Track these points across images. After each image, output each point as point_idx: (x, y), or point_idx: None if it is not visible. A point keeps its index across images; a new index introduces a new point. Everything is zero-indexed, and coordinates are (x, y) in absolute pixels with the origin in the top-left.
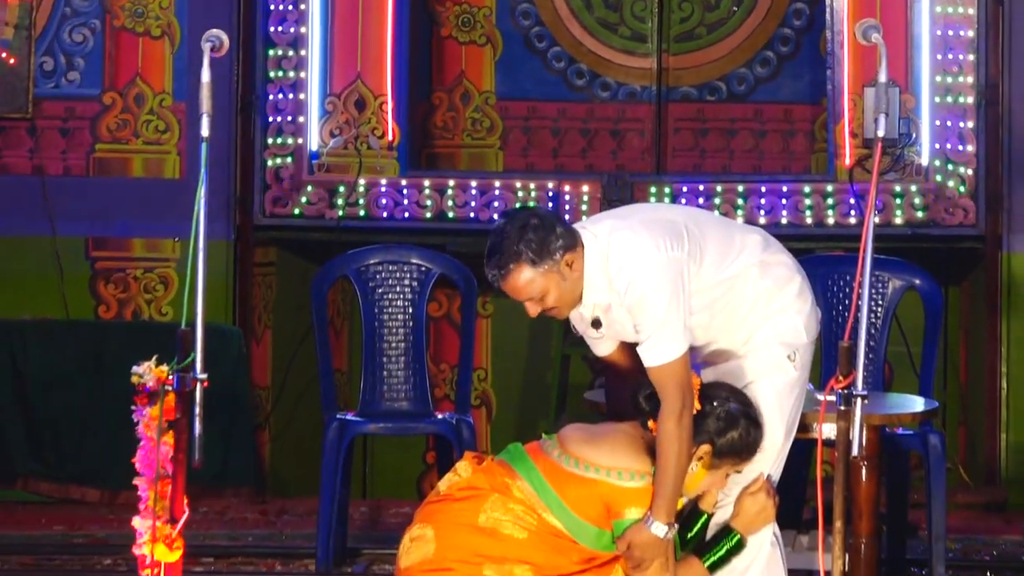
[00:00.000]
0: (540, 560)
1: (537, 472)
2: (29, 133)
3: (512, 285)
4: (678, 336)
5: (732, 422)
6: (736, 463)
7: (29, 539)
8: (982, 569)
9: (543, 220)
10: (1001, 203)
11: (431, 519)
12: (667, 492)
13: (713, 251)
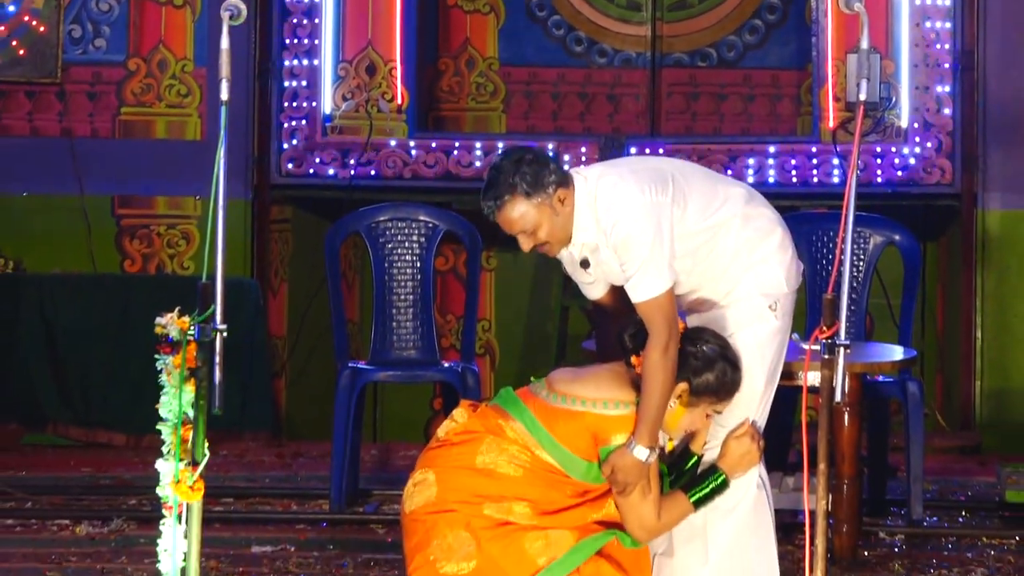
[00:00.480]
0: (536, 496)
1: (528, 412)
2: (58, 97)
3: (506, 216)
4: (663, 272)
5: (709, 363)
6: (714, 402)
7: (59, 480)
8: (957, 509)
9: (537, 156)
10: (976, 163)
11: (432, 464)
12: (650, 418)
13: (697, 199)
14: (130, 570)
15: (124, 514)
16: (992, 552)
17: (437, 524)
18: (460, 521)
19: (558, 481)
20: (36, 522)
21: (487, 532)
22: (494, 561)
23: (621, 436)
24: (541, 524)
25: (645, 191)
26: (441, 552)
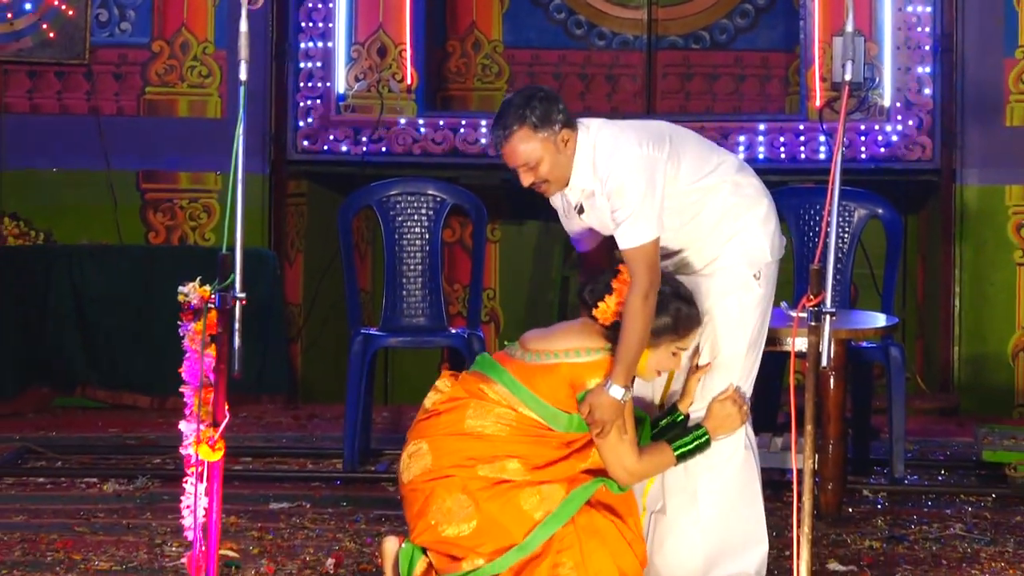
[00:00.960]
0: (524, 452)
1: (507, 373)
2: (86, 77)
3: (512, 147)
4: (651, 222)
5: (663, 305)
6: (676, 340)
7: (87, 440)
8: (937, 467)
9: (548, 94)
10: (955, 141)
11: (424, 434)
12: (626, 360)
13: (690, 160)
14: (155, 525)
15: (149, 472)
16: (969, 508)
17: (435, 490)
18: (457, 485)
19: (544, 435)
20: (66, 480)
21: (484, 492)
22: (493, 519)
23: (595, 380)
24: (534, 479)
25: (643, 145)
26: (442, 516)
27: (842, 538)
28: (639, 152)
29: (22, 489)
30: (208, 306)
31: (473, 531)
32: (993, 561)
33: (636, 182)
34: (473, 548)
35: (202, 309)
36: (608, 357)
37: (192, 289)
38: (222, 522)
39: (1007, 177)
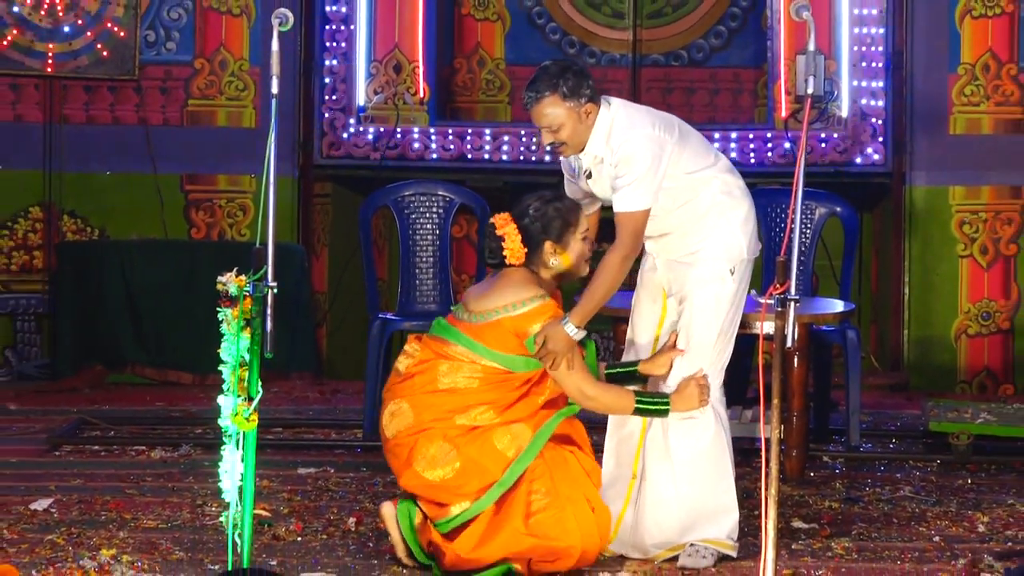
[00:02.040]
0: (493, 397)
1: (462, 334)
2: (135, 91)
3: (540, 110)
4: (646, 194)
5: (545, 216)
6: (573, 231)
7: (136, 413)
8: (888, 437)
9: (581, 70)
10: (905, 147)
11: (403, 395)
12: (588, 305)
13: (692, 151)
14: (196, 488)
15: (191, 441)
16: (917, 473)
17: (418, 442)
18: (437, 435)
19: (507, 379)
20: (117, 448)
21: (462, 438)
22: (474, 460)
23: (536, 325)
24: (504, 420)
25: (655, 127)
26: (426, 463)
27: (805, 499)
28: (651, 132)
29: (79, 456)
30: (243, 294)
31: (457, 472)
32: (938, 520)
33: (643, 156)
34: (458, 490)
35: (238, 296)
36: (543, 303)
37: (229, 279)
38: (256, 485)
39: (951, 179)
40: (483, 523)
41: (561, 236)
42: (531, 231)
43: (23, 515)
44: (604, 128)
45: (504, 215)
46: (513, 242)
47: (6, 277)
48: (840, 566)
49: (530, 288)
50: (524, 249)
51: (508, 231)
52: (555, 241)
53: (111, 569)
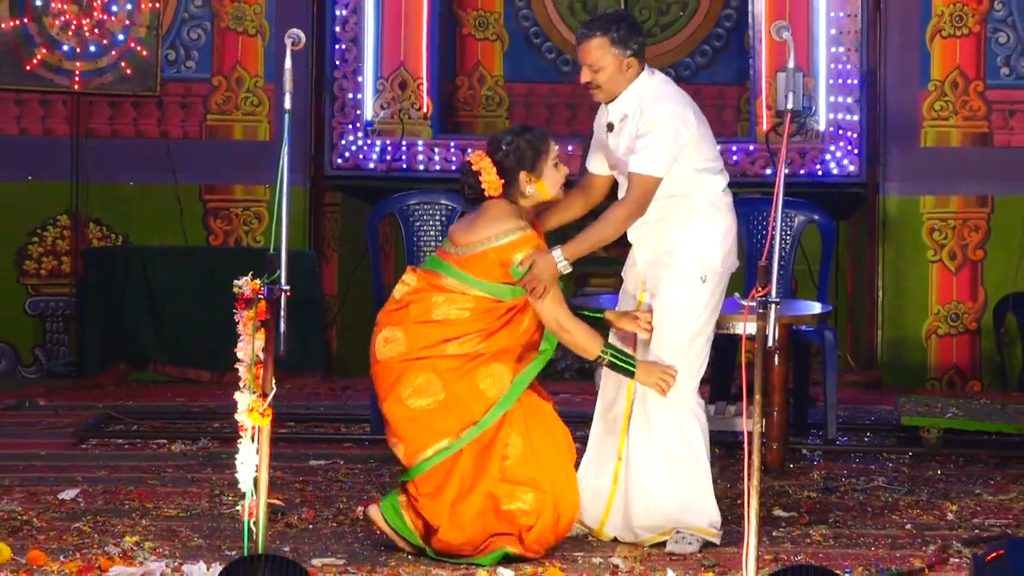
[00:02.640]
0: (482, 326)
1: (452, 267)
2: (157, 107)
3: (587, 48)
4: (662, 162)
5: (517, 148)
6: (547, 157)
7: (158, 408)
8: (863, 430)
9: (635, 25)
10: (878, 159)
11: (398, 323)
12: (582, 244)
13: (706, 149)
14: (214, 479)
15: (209, 435)
16: (890, 464)
17: (408, 369)
18: (428, 366)
19: (494, 307)
20: (140, 441)
21: (451, 374)
22: (457, 396)
23: (519, 254)
24: (488, 348)
25: (685, 108)
26: (413, 390)
27: (785, 489)
28: (680, 110)
29: (104, 449)
30: (258, 297)
31: (439, 404)
32: (910, 508)
33: (666, 127)
34: (434, 424)
35: (253, 299)
36: (525, 234)
37: (245, 282)
38: (270, 476)
39: (922, 189)
40: (462, 475)
41: (535, 165)
42: (505, 164)
43: (52, 504)
44: (639, 90)
45: (478, 152)
46: (489, 175)
47: (36, 281)
48: (818, 552)
49: (512, 219)
50: (501, 181)
51: (483, 166)
52: (529, 170)
53: (134, 555)
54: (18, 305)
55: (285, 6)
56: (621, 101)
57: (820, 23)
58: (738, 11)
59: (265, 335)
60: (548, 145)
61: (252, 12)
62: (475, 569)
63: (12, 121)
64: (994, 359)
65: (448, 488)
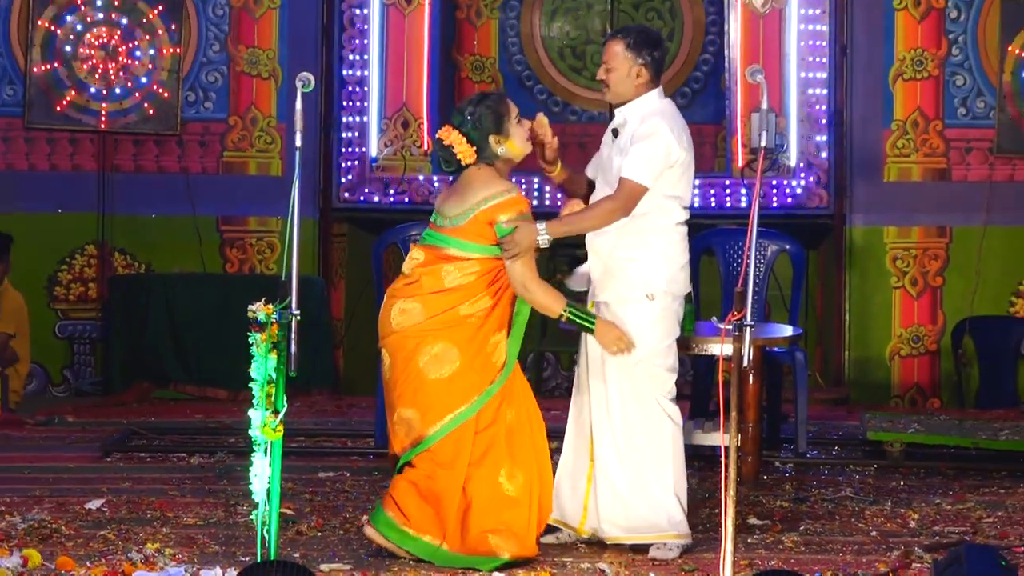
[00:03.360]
0: (490, 282)
1: (448, 237)
2: (178, 144)
3: (608, 45)
4: (649, 172)
5: (478, 116)
6: (507, 119)
7: (179, 424)
8: (831, 444)
9: (657, 40)
10: (845, 192)
11: (412, 295)
12: (567, 226)
13: (683, 179)
14: (230, 490)
15: (225, 449)
16: (857, 476)
17: (426, 338)
18: (444, 336)
19: (498, 264)
20: (161, 455)
21: (466, 344)
22: (471, 363)
23: (505, 215)
24: (495, 303)
25: (682, 131)
26: (430, 359)
27: (759, 499)
28: (671, 136)
29: (128, 462)
30: (271, 320)
31: (455, 372)
32: (875, 517)
33: (660, 140)
34: (449, 393)
35: (266, 323)
36: (513, 196)
37: (259, 307)
38: (281, 487)
39: (886, 220)
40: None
41: (500, 127)
42: (472, 133)
43: (79, 513)
44: (646, 104)
45: (446, 127)
46: (461, 144)
47: (65, 306)
48: (790, 557)
49: (497, 183)
50: (473, 148)
51: (453, 138)
52: (496, 133)
53: (155, 561)
54: (49, 329)
55: (296, 51)
56: (627, 108)
57: (791, 67)
58: (715, 56)
59: (277, 356)
60: (508, 106)
61: (265, 57)
62: (472, 573)
63: (44, 157)
64: (952, 378)
65: (460, 458)
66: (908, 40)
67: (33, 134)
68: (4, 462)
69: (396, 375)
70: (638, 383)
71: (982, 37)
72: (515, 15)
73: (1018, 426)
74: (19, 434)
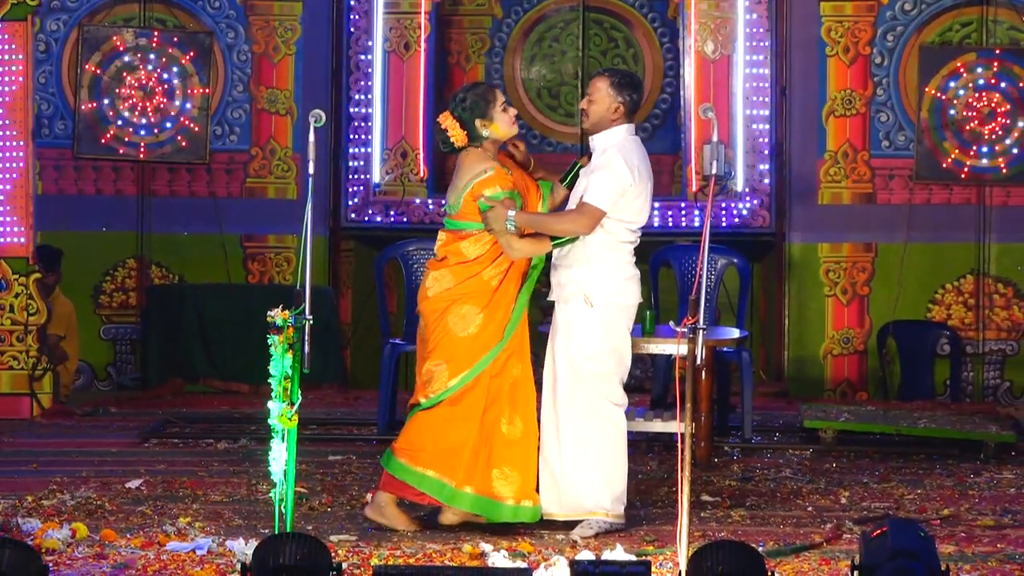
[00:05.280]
0: (494, 254)
1: (455, 221)
2: (207, 172)
3: (593, 80)
4: (607, 197)
5: (466, 102)
6: (492, 105)
7: (207, 414)
8: (773, 432)
9: (639, 84)
10: (785, 214)
11: (442, 267)
12: (532, 220)
13: (634, 205)
14: (252, 471)
15: (248, 436)
16: (795, 459)
17: (455, 301)
18: (471, 299)
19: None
20: (192, 440)
21: (489, 306)
22: (491, 320)
23: (490, 190)
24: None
25: (639, 162)
26: (458, 318)
27: (711, 479)
28: (633, 162)
29: (163, 447)
30: (287, 324)
31: (479, 329)
32: (811, 495)
33: (615, 170)
34: (476, 345)
35: (283, 326)
36: (494, 172)
37: (277, 313)
38: (296, 469)
39: (820, 238)
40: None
41: (485, 112)
42: (463, 117)
43: (120, 491)
44: (614, 135)
45: (444, 112)
46: (454, 128)
47: (109, 312)
48: (737, 529)
49: (481, 162)
50: (464, 132)
51: (448, 123)
52: (482, 117)
53: (186, 533)
54: (95, 332)
55: (309, 91)
56: (597, 137)
57: (738, 105)
58: (672, 95)
59: (292, 355)
60: (494, 94)
61: (283, 96)
62: (461, 543)
63: (90, 183)
64: (878, 374)
65: (475, 403)
66: (839, 82)
67: (81, 163)
68: (55, 447)
69: (428, 333)
70: (581, 381)
71: (903, 80)
72: (499, 60)
73: (935, 415)
74: (68, 423)
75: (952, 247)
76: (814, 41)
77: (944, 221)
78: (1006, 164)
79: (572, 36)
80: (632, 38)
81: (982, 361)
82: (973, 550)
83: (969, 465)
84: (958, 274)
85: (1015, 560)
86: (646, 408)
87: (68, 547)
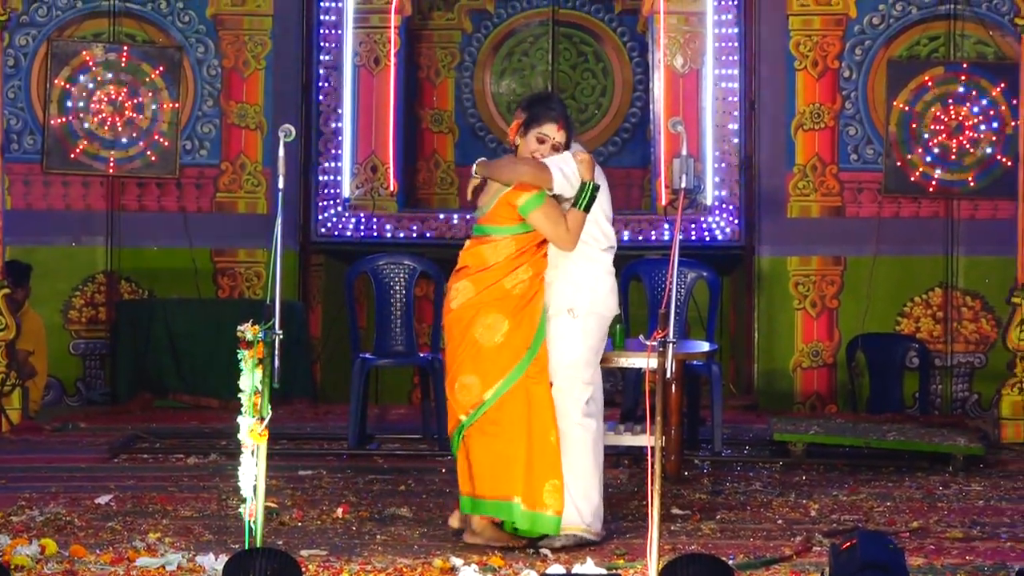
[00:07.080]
0: (521, 260)
1: (484, 226)
2: (176, 186)
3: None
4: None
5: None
6: (533, 128)
7: (176, 429)
8: (743, 445)
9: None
10: (754, 228)
11: (463, 278)
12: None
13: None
14: (222, 486)
15: (218, 451)
16: (765, 472)
17: (479, 311)
18: (494, 307)
19: (533, 236)
20: (161, 456)
21: (514, 314)
22: (518, 329)
23: (522, 198)
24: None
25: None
26: (484, 329)
27: (681, 492)
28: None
29: (132, 462)
30: (257, 339)
31: (505, 338)
32: (781, 507)
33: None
34: (498, 360)
35: (253, 341)
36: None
37: (247, 328)
38: (266, 484)
39: (789, 252)
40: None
41: (526, 130)
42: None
43: (90, 507)
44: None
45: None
46: (512, 129)
47: (78, 327)
48: (708, 542)
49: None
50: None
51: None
52: (523, 134)
53: (156, 548)
54: (64, 347)
55: (279, 106)
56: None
57: (707, 119)
58: (642, 110)
59: (263, 370)
60: (543, 122)
61: (253, 111)
62: (432, 557)
63: (60, 198)
64: (847, 387)
65: (518, 415)
66: (807, 96)
67: (51, 178)
68: (24, 463)
69: (455, 347)
70: (558, 392)
71: (871, 93)
72: (469, 74)
73: (904, 428)
74: (37, 439)
75: (920, 260)
76: (783, 55)
77: (913, 234)
78: (974, 177)
79: (542, 50)
80: (601, 52)
81: (951, 374)
82: (942, 562)
83: (938, 477)
84: (926, 287)
85: (984, 572)
86: (616, 421)
87: (37, 563)
